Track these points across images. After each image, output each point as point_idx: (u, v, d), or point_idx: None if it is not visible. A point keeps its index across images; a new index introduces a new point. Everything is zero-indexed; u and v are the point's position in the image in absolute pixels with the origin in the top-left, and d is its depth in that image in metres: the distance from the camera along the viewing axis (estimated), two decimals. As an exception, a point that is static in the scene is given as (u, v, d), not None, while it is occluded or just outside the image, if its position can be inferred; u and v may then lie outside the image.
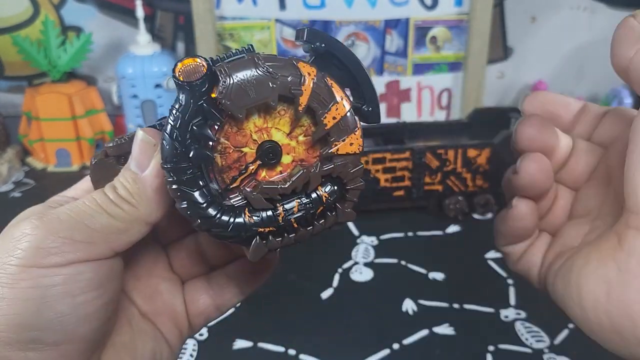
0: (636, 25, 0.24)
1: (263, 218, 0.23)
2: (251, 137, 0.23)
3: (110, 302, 0.23)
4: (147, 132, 0.24)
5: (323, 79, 0.23)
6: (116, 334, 0.26)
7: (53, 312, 0.21)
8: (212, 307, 0.29)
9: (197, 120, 0.22)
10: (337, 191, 0.24)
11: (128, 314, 0.27)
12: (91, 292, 0.22)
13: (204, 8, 0.82)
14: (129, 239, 0.23)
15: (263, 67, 0.22)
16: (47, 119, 0.82)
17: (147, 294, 0.28)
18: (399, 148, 0.67)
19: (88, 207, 0.23)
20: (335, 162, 0.24)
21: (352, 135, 0.24)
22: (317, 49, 0.24)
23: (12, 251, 0.21)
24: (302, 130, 0.24)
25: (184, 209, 0.22)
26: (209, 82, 0.22)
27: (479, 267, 0.60)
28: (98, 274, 0.22)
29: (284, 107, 0.23)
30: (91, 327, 0.22)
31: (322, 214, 0.24)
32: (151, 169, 0.23)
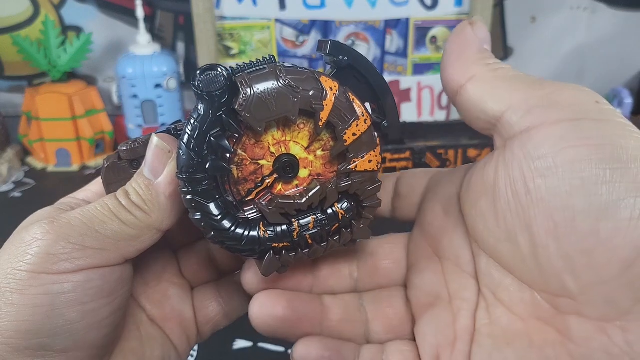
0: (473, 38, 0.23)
1: (278, 233, 0.23)
2: (269, 149, 0.23)
3: (120, 309, 0.23)
4: (162, 138, 0.23)
5: (345, 94, 0.22)
6: (124, 340, 0.25)
7: (62, 319, 0.21)
8: (221, 315, 0.29)
9: (215, 131, 0.21)
10: (354, 208, 0.24)
11: (137, 319, 0.27)
12: (101, 299, 0.22)
13: (204, 8, 0.82)
14: (140, 246, 0.23)
15: (285, 80, 0.21)
16: (47, 119, 0.82)
17: (156, 299, 0.28)
18: (399, 148, 0.67)
19: (100, 213, 0.22)
20: (353, 178, 0.23)
21: (371, 152, 0.23)
22: (339, 62, 0.23)
23: (22, 256, 0.21)
24: (320, 145, 0.24)
25: (197, 220, 0.22)
26: (229, 93, 0.21)
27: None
28: (108, 281, 0.22)
29: (303, 120, 0.23)
30: (100, 334, 0.22)
31: (338, 231, 0.24)
32: (165, 176, 0.23)
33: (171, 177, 0.23)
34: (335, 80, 0.22)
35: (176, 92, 0.84)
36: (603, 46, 0.94)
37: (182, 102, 0.87)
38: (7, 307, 0.20)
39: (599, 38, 0.94)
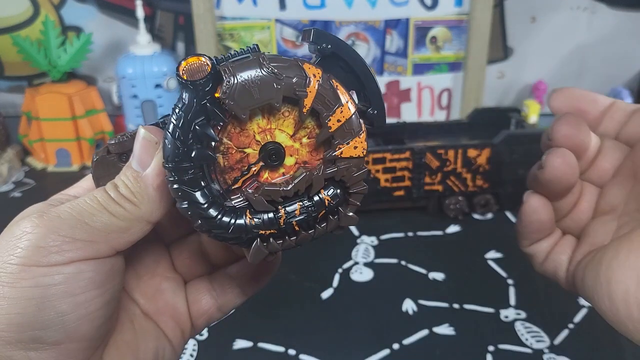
0: None
1: (264, 220, 0.23)
2: (254, 138, 0.23)
3: (112, 301, 0.23)
4: (148, 130, 0.24)
5: (328, 80, 0.23)
6: (118, 333, 0.26)
7: (54, 311, 0.21)
8: (214, 308, 0.29)
9: (200, 119, 0.21)
10: (340, 194, 0.24)
11: (130, 313, 0.27)
12: (92, 291, 0.22)
13: (204, 8, 0.82)
14: (130, 238, 0.23)
15: (268, 68, 0.22)
16: (47, 119, 0.82)
17: (149, 293, 0.28)
18: (399, 148, 0.67)
19: (89, 206, 0.22)
20: (338, 165, 0.24)
21: (356, 138, 0.23)
22: (323, 50, 0.23)
23: (13, 250, 0.21)
24: (306, 132, 0.24)
25: (184, 209, 0.22)
26: (213, 81, 0.21)
27: (479, 267, 0.60)
28: (99, 273, 0.22)
29: (288, 108, 0.23)
30: (92, 326, 0.22)
31: (324, 218, 0.24)
32: (153, 167, 0.23)
33: (159, 168, 0.23)
34: (319, 68, 0.23)
35: (176, 92, 0.84)
36: (603, 46, 0.94)
37: (182, 102, 0.87)
38: None
39: (599, 38, 0.94)
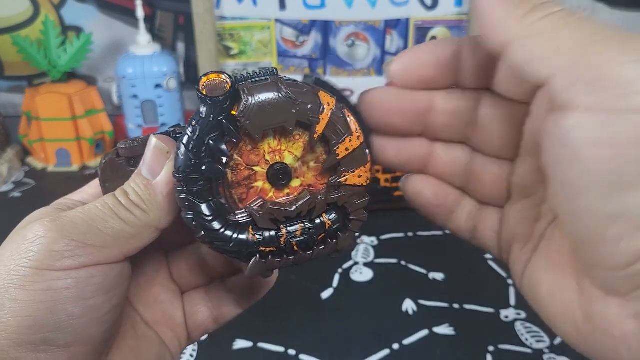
0: None
1: (266, 237, 0.24)
2: (264, 157, 0.24)
3: (119, 305, 0.24)
4: (160, 139, 0.24)
5: (341, 110, 0.23)
6: (122, 338, 0.26)
7: (65, 314, 0.21)
8: (210, 320, 0.30)
9: (214, 134, 0.22)
10: (340, 220, 0.25)
11: (132, 319, 0.27)
12: (102, 295, 0.22)
13: (204, 8, 0.82)
14: (139, 244, 0.23)
15: (285, 92, 0.22)
16: (47, 119, 0.82)
17: (148, 302, 0.28)
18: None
19: (101, 212, 0.23)
20: (342, 191, 0.24)
21: (362, 167, 0.24)
22: None
23: (26, 253, 0.21)
24: (313, 157, 0.24)
25: (189, 219, 0.23)
26: (231, 99, 0.22)
27: (479, 267, 0.60)
28: (108, 278, 0.23)
29: (299, 132, 0.24)
30: (101, 330, 0.23)
31: (323, 240, 0.25)
32: (163, 176, 0.24)
33: (168, 177, 0.23)
34: (334, 97, 0.23)
35: (176, 92, 0.84)
36: (603, 46, 0.94)
37: (182, 102, 0.87)
38: (10, 302, 0.20)
39: (599, 38, 0.94)
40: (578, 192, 0.18)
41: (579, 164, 0.18)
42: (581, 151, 0.18)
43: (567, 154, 0.18)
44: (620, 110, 0.17)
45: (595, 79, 0.17)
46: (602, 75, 0.17)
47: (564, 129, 0.18)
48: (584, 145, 0.18)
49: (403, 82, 0.25)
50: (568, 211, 0.19)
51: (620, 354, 0.19)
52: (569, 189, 0.19)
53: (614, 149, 0.17)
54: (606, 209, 0.18)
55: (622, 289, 0.19)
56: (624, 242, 0.18)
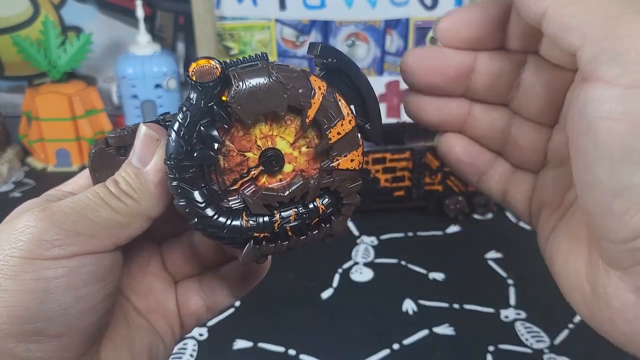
0: None
1: (259, 223, 0.24)
2: (256, 142, 0.24)
3: (111, 295, 0.24)
4: (150, 127, 0.24)
5: (332, 94, 0.23)
6: (113, 327, 0.26)
7: (56, 304, 0.21)
8: (204, 309, 0.30)
9: (205, 120, 0.22)
10: (334, 204, 0.25)
11: (124, 309, 0.27)
12: (93, 284, 0.22)
13: (204, 8, 0.82)
14: (130, 233, 0.23)
15: (276, 77, 0.22)
16: (47, 119, 0.82)
17: (140, 291, 0.28)
18: (399, 148, 0.67)
19: (91, 201, 0.23)
20: (334, 176, 0.24)
21: (354, 151, 0.24)
22: (328, 65, 0.24)
23: (15, 243, 0.21)
24: (305, 142, 0.24)
25: (182, 206, 0.23)
26: (221, 85, 0.22)
27: (479, 267, 0.60)
28: (100, 267, 0.22)
29: (291, 117, 0.24)
30: (92, 320, 0.23)
31: (316, 225, 0.25)
32: (153, 164, 0.23)
33: (159, 165, 0.23)
34: (324, 81, 0.23)
35: (176, 92, 0.84)
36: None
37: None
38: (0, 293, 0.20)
39: (599, 38, 0.94)
40: (590, 163, 0.19)
41: (593, 134, 0.18)
42: (597, 122, 0.18)
43: (584, 124, 0.18)
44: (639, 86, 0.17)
45: (619, 52, 0.18)
46: (626, 48, 0.17)
47: (584, 99, 0.18)
48: (600, 117, 0.18)
49: (449, 41, 0.25)
50: (581, 181, 0.19)
51: (618, 324, 0.20)
52: (583, 159, 0.19)
53: (628, 123, 0.17)
54: (614, 181, 0.18)
55: (623, 263, 0.19)
56: (628, 216, 0.18)
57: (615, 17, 0.18)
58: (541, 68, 0.24)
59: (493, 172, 0.27)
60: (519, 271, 0.58)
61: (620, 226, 0.19)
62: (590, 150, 0.18)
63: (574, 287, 0.22)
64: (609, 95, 0.18)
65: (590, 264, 0.21)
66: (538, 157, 0.26)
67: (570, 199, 0.24)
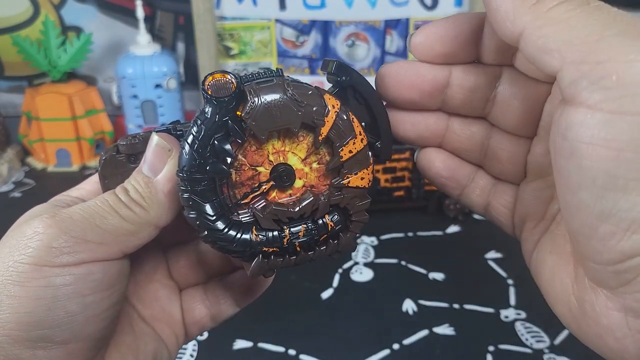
0: None
1: (269, 238, 0.24)
2: (268, 157, 0.24)
3: (118, 303, 0.24)
4: (162, 137, 0.24)
5: (345, 113, 0.24)
6: (119, 335, 0.26)
7: (63, 311, 0.21)
8: (208, 317, 0.30)
9: (219, 135, 0.22)
10: (342, 221, 0.25)
11: (129, 316, 0.27)
12: (101, 292, 0.22)
13: (204, 8, 0.82)
14: (138, 241, 0.23)
15: (291, 94, 0.22)
16: (47, 119, 0.82)
17: (146, 299, 0.28)
18: (399, 148, 0.67)
19: (100, 208, 0.23)
20: (344, 193, 0.24)
21: (364, 170, 0.24)
22: (342, 82, 0.24)
23: (24, 249, 0.21)
24: (317, 158, 0.25)
25: (192, 218, 0.23)
26: (237, 99, 0.22)
27: (479, 267, 0.60)
28: (108, 275, 0.22)
29: (303, 133, 0.24)
30: (99, 327, 0.23)
31: (325, 241, 0.25)
32: (164, 173, 0.24)
33: (170, 175, 0.23)
34: (338, 99, 0.23)
35: (176, 92, 0.84)
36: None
37: (182, 102, 0.87)
38: (8, 299, 0.20)
39: (599, 38, 0.94)
40: (574, 187, 0.18)
41: (577, 159, 0.18)
42: (580, 148, 0.18)
43: (567, 148, 0.18)
44: (622, 112, 0.17)
45: (600, 76, 0.17)
46: (608, 73, 0.17)
47: (566, 123, 0.18)
48: (582, 143, 0.18)
49: (423, 56, 0.25)
50: (565, 202, 0.19)
51: (607, 341, 0.20)
52: (566, 182, 0.19)
53: (611, 150, 0.17)
54: (599, 206, 0.18)
55: (610, 283, 0.19)
56: (614, 240, 0.18)
57: (595, 40, 0.17)
58: (516, 81, 0.24)
59: (474, 185, 0.27)
60: (519, 271, 0.58)
61: (605, 249, 0.18)
62: (573, 174, 0.18)
63: (560, 301, 0.22)
64: (591, 121, 0.17)
65: (577, 281, 0.21)
66: (518, 169, 0.25)
67: (553, 211, 0.23)
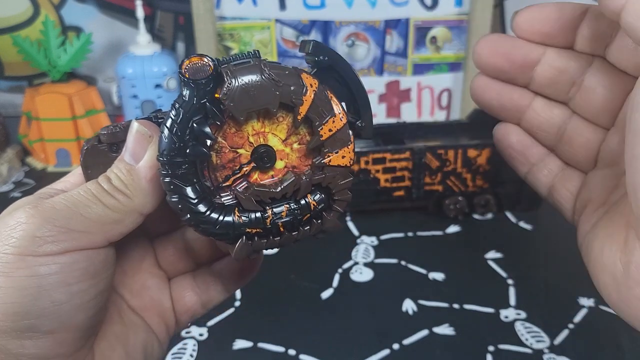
0: None
1: (252, 219, 0.24)
2: (248, 139, 0.24)
3: (104, 291, 0.24)
4: (142, 123, 0.24)
5: (324, 91, 0.24)
6: (107, 325, 0.26)
7: (49, 300, 0.21)
8: (198, 304, 0.30)
9: (198, 117, 0.22)
10: (325, 200, 0.25)
11: (118, 306, 0.27)
12: (86, 281, 0.22)
13: (204, 8, 0.82)
14: (123, 229, 0.23)
15: (268, 74, 0.22)
16: (47, 119, 0.82)
17: (134, 289, 0.28)
18: (399, 148, 0.67)
19: (83, 197, 0.23)
20: (326, 172, 0.25)
21: (345, 148, 0.24)
22: (320, 62, 0.24)
23: (7, 240, 0.21)
24: (297, 138, 0.25)
25: (174, 202, 0.23)
26: (214, 82, 0.22)
27: (479, 267, 0.60)
28: (93, 263, 0.23)
29: (282, 114, 0.24)
30: (86, 316, 0.23)
31: (309, 221, 0.25)
32: (145, 160, 0.24)
33: (152, 162, 0.24)
34: (316, 78, 0.24)
35: (176, 92, 0.84)
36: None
37: (182, 102, 0.87)
38: None
39: (599, 38, 0.94)
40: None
41: None
42: None
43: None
44: None
45: None
46: None
47: None
48: None
49: (523, 32, 0.26)
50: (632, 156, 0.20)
51: None
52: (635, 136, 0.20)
53: None
54: None
55: None
56: None
57: None
58: (605, 71, 0.25)
59: (543, 166, 0.28)
60: (519, 271, 0.58)
61: None
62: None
63: (606, 269, 0.22)
64: None
65: (626, 245, 0.22)
66: (589, 157, 0.27)
67: (615, 198, 0.24)
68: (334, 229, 0.26)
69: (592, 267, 0.24)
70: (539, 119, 0.28)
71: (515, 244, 0.64)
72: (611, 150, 0.25)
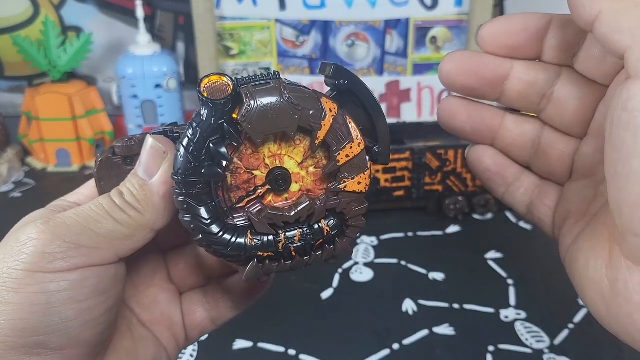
0: None
1: (264, 242, 0.24)
2: (264, 161, 0.24)
3: (114, 307, 0.23)
4: (157, 139, 0.24)
5: (343, 116, 0.23)
6: (117, 339, 0.26)
7: (58, 317, 0.21)
8: (208, 320, 0.30)
9: (215, 138, 0.22)
10: (339, 226, 0.25)
11: (128, 321, 0.27)
12: (96, 297, 0.22)
13: (204, 8, 0.82)
14: (134, 245, 0.23)
15: (287, 97, 0.22)
16: (47, 119, 0.82)
17: (145, 303, 0.28)
18: (399, 148, 0.67)
19: (94, 212, 0.23)
20: (341, 198, 0.24)
21: (361, 174, 0.24)
22: (340, 86, 0.24)
23: (18, 255, 0.21)
24: (313, 162, 0.24)
25: (187, 221, 0.22)
26: (233, 102, 0.22)
27: (479, 267, 0.60)
28: (103, 279, 0.22)
29: (300, 137, 0.24)
30: (95, 332, 0.22)
31: (321, 246, 0.25)
32: (159, 176, 0.23)
33: (165, 178, 0.23)
34: (335, 103, 0.23)
35: (176, 92, 0.84)
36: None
37: (182, 102, 0.87)
38: (3, 305, 0.20)
39: (599, 38, 0.94)
40: (627, 155, 0.19)
41: (634, 128, 0.19)
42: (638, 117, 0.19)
43: (625, 118, 0.19)
44: None
45: None
46: None
47: (628, 95, 0.19)
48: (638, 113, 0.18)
49: (489, 47, 0.26)
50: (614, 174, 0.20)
51: (636, 320, 0.20)
52: (620, 152, 0.19)
53: None
54: None
55: None
56: None
57: None
58: (575, 81, 0.25)
59: (519, 184, 0.28)
60: (519, 271, 0.58)
61: None
62: (629, 142, 0.19)
63: (592, 284, 0.22)
64: None
65: (611, 262, 0.21)
66: (565, 168, 0.26)
67: (595, 208, 0.24)
68: (345, 255, 0.26)
69: (577, 282, 0.24)
70: (512, 136, 0.27)
71: (515, 244, 0.64)
72: (586, 160, 0.25)
